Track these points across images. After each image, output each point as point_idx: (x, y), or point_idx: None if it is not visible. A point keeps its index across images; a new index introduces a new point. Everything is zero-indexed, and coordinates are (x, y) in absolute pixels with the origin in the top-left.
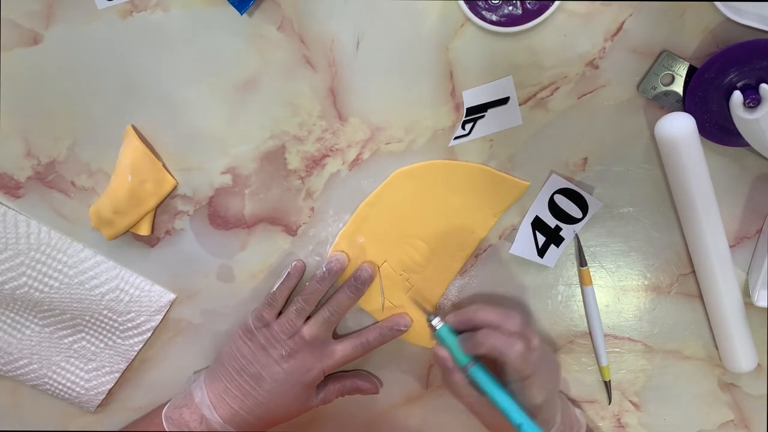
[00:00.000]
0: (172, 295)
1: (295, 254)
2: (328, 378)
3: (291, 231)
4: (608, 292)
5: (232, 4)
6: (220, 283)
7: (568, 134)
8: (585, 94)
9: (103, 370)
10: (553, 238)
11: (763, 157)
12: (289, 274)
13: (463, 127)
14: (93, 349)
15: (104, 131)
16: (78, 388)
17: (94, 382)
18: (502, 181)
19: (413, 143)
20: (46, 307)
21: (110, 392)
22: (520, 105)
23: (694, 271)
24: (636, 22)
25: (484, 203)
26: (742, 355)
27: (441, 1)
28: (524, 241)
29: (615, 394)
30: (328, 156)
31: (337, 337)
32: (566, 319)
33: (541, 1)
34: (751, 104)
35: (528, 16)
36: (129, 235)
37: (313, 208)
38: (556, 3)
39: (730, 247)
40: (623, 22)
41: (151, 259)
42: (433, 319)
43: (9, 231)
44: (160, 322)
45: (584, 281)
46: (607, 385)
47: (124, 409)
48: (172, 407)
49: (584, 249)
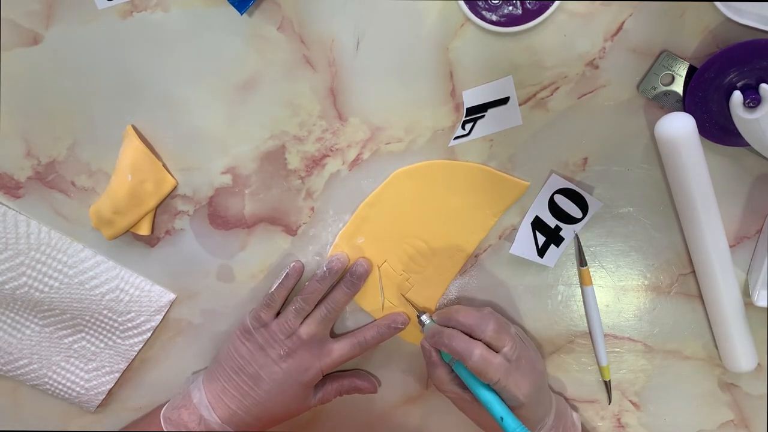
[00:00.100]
0: (172, 295)
1: (295, 254)
2: (327, 378)
3: (291, 231)
4: (608, 292)
5: (232, 4)
6: (220, 283)
7: (568, 134)
8: (585, 94)
9: (103, 370)
10: (553, 238)
11: (763, 157)
12: (288, 274)
13: (463, 127)
14: (93, 349)
15: (104, 131)
16: (78, 388)
17: (94, 382)
18: (502, 181)
19: (413, 143)
20: (46, 307)
21: (110, 392)
22: (520, 105)
23: (694, 271)
24: (636, 22)
25: (484, 203)
26: (742, 355)
27: (441, 1)
28: (524, 241)
29: (615, 394)
30: (328, 156)
31: (335, 336)
32: (566, 319)
33: (541, 1)
34: (751, 104)
35: (528, 16)
36: (129, 235)
37: (313, 208)
38: (556, 3)
39: (730, 247)
40: (623, 22)
41: (151, 259)
42: (421, 316)
43: (9, 231)
44: (160, 322)
45: (584, 281)
46: (607, 385)
47: (124, 409)
48: (171, 408)
49: (584, 249)
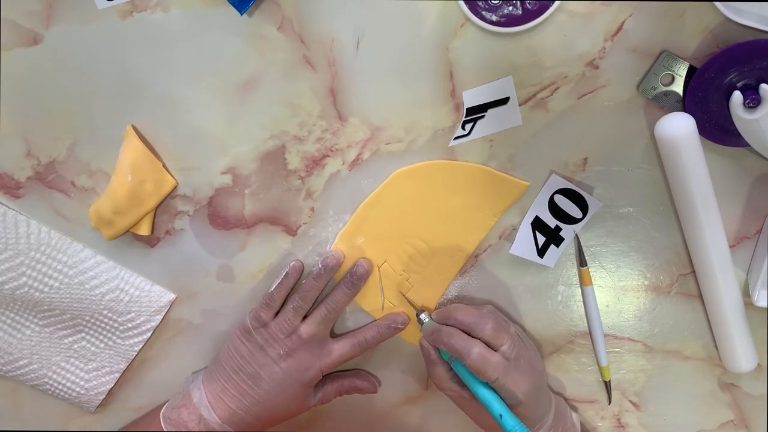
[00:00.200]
0: (172, 295)
1: (295, 254)
2: (327, 377)
3: (291, 231)
4: (608, 292)
5: (232, 4)
6: (220, 283)
7: (568, 134)
8: (585, 94)
9: (103, 370)
10: (553, 238)
11: (763, 157)
12: (287, 274)
13: (463, 127)
14: (93, 349)
15: (104, 131)
16: (78, 388)
17: (94, 382)
18: (502, 182)
19: (413, 143)
20: (46, 307)
21: (110, 392)
22: (520, 105)
23: (694, 271)
24: (636, 22)
25: (484, 203)
26: (742, 355)
27: (441, 1)
28: (524, 241)
29: (615, 394)
30: (328, 156)
31: (335, 336)
32: (566, 319)
33: (541, 1)
34: (751, 104)
35: (528, 16)
36: (129, 235)
37: (313, 208)
38: (556, 3)
39: (730, 247)
40: (623, 22)
41: (151, 259)
42: (420, 314)
43: (9, 231)
44: (160, 322)
45: (584, 281)
46: (607, 385)
47: (124, 409)
48: (171, 407)
49: (584, 249)
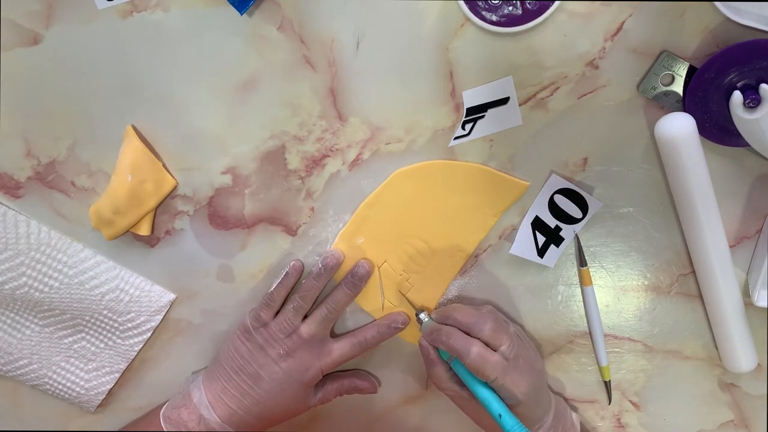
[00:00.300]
0: (172, 295)
1: (295, 254)
2: (327, 377)
3: (291, 231)
4: (608, 292)
5: (232, 4)
6: (220, 283)
7: (568, 134)
8: (585, 94)
9: (103, 370)
10: (553, 238)
11: (763, 157)
12: (287, 274)
13: (463, 127)
14: (93, 349)
15: (104, 131)
16: (78, 388)
17: (94, 382)
18: (502, 182)
19: (413, 143)
20: (46, 307)
21: (110, 392)
22: (520, 105)
23: (694, 271)
24: (636, 22)
25: (484, 203)
26: (742, 355)
27: (441, 1)
28: (524, 241)
29: (615, 394)
30: (328, 156)
31: (335, 336)
32: (566, 319)
33: (541, 1)
34: (751, 104)
35: (528, 16)
36: (129, 235)
37: (313, 208)
38: (556, 3)
39: (730, 247)
40: (623, 22)
41: (151, 259)
42: (420, 314)
43: (9, 231)
44: (160, 322)
45: (584, 281)
46: (607, 385)
47: (124, 409)
48: (171, 407)
49: (584, 249)
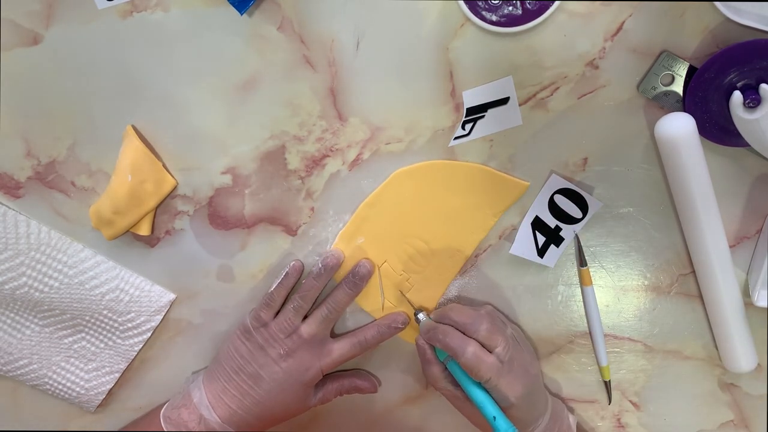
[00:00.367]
0: (172, 295)
1: (295, 254)
2: (327, 377)
3: (291, 231)
4: (608, 292)
5: (232, 4)
6: (220, 283)
7: (568, 134)
8: (585, 94)
9: (103, 370)
10: (553, 238)
11: (763, 157)
12: (287, 274)
13: (463, 127)
14: (93, 349)
15: (104, 131)
16: (78, 388)
17: (94, 382)
18: (502, 182)
19: (413, 143)
20: (46, 307)
21: (110, 392)
22: (520, 105)
23: (694, 271)
24: (636, 22)
25: (484, 203)
26: (742, 355)
27: (441, 1)
28: (524, 241)
29: (615, 394)
30: (328, 156)
31: (335, 336)
32: (566, 319)
33: (541, 1)
34: (751, 104)
35: (528, 16)
36: (129, 235)
37: (313, 208)
38: (556, 3)
39: (730, 247)
40: (623, 22)
41: (151, 259)
42: (418, 314)
43: (9, 231)
44: (160, 322)
45: (584, 281)
46: (607, 385)
47: (124, 409)
48: (171, 407)
49: (584, 249)
